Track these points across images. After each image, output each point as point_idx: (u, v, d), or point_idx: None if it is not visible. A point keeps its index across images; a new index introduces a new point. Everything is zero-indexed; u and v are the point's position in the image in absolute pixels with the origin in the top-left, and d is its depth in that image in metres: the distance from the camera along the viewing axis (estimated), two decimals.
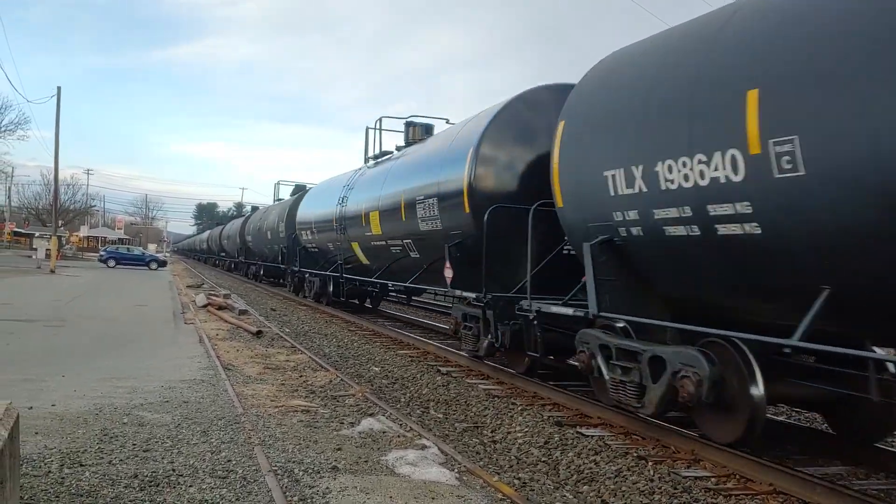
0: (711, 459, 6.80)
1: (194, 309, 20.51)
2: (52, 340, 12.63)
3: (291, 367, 11.41)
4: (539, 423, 8.35)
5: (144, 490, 5.17)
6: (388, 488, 5.53)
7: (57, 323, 15.19)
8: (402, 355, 13.46)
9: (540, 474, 6.65)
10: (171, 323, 16.74)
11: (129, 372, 9.84)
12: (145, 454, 6.03)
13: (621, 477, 6.47)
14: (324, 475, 5.77)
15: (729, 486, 6.23)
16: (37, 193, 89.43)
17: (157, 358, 11.28)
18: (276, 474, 5.66)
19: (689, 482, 6.27)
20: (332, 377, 10.53)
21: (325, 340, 15.65)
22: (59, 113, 38.34)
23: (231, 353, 12.29)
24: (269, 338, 15.01)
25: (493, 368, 11.31)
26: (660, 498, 5.95)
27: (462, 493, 5.58)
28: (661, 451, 7.22)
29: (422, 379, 11.11)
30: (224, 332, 15.52)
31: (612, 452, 7.16)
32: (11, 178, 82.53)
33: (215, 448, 6.33)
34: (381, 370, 11.98)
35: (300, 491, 5.35)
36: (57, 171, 41.20)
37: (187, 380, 9.49)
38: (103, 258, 54.39)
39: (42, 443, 6.15)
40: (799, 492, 5.87)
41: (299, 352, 13.18)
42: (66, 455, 5.84)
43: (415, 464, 6.23)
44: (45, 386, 8.58)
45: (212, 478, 5.52)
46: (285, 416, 7.84)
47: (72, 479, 5.30)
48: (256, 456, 6.12)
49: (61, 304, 19.68)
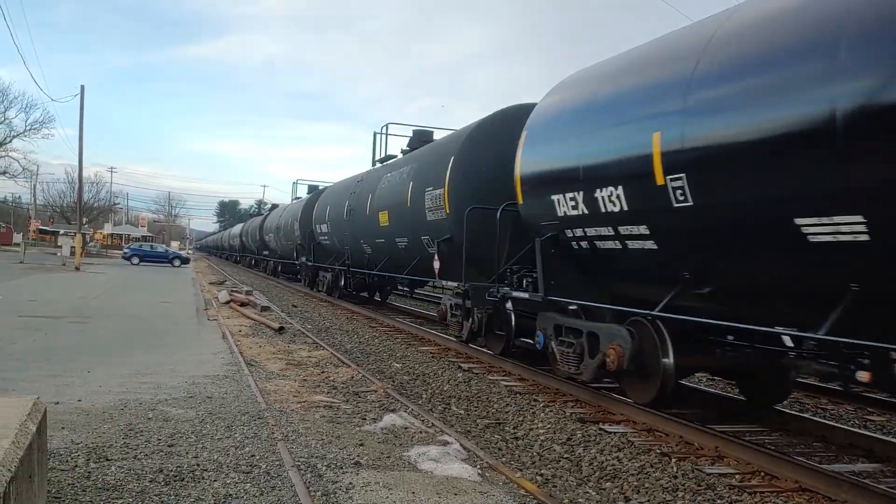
0: (735, 456, 6.74)
1: (217, 305, 20.69)
2: (77, 337, 12.78)
3: (313, 363, 11.47)
4: (561, 419, 8.32)
5: (169, 485, 5.21)
6: (411, 484, 5.54)
7: (82, 319, 15.38)
8: (423, 352, 13.48)
9: (562, 471, 6.63)
10: (194, 319, 16.88)
11: (153, 368, 9.94)
12: (170, 449, 6.09)
13: (644, 474, 6.43)
14: (347, 470, 5.79)
15: (753, 484, 6.17)
16: (61, 191, 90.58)
17: (181, 354, 11.38)
18: (300, 469, 5.69)
19: (712, 479, 6.22)
20: (354, 373, 10.57)
21: (347, 337, 15.72)
22: (82, 111, 38.84)
23: (254, 349, 12.38)
24: (291, 334, 15.11)
25: (514, 365, 11.31)
26: (683, 495, 5.91)
27: (485, 489, 5.58)
28: (685, 448, 7.17)
29: (443, 375, 11.12)
30: (246, 328, 15.64)
31: (634, 449, 7.12)
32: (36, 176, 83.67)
33: (239, 443, 6.38)
34: (403, 366, 12.01)
35: (323, 486, 5.38)
36: (81, 169, 41.75)
37: (211, 375, 9.57)
38: (127, 255, 55.06)
39: (69, 437, 6.23)
40: (825, 489, 5.80)
41: (321, 348, 13.24)
42: (93, 450, 5.91)
43: (437, 459, 6.24)
44: (71, 381, 8.69)
45: (236, 472, 5.56)
46: (308, 412, 7.88)
47: (98, 473, 5.37)
48: (280, 451, 6.16)
49: (86, 301, 19.92)
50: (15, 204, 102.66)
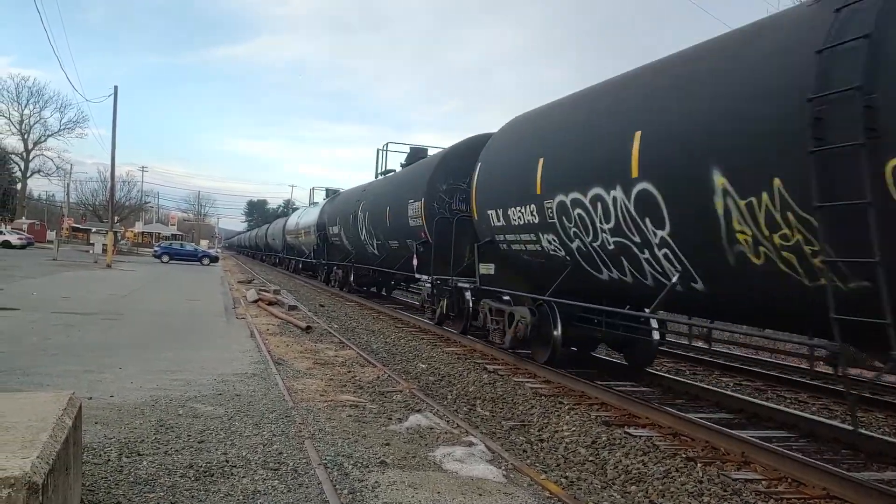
0: (762, 462, 6.71)
1: (245, 304, 20.90)
2: (109, 333, 13.00)
3: (340, 362, 11.57)
4: (586, 422, 8.33)
5: (199, 480, 5.31)
6: (436, 484, 5.59)
7: (114, 316, 15.63)
8: (448, 352, 13.53)
9: (587, 473, 6.64)
10: (222, 317, 17.08)
11: (183, 365, 10.10)
12: (200, 445, 6.20)
13: (669, 478, 6.42)
14: (372, 469, 5.85)
15: (780, 490, 6.14)
16: (94, 190, 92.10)
17: (210, 351, 11.54)
18: (326, 467, 5.76)
19: (738, 485, 6.20)
20: (380, 373, 10.64)
21: (373, 337, 15.81)
22: (115, 111, 39.31)
23: (281, 348, 12.51)
24: (317, 333, 15.23)
25: (538, 367, 11.32)
26: (709, 500, 5.89)
27: (509, 490, 5.61)
28: (711, 453, 7.15)
29: (468, 376, 11.16)
30: (274, 326, 15.80)
31: (660, 453, 7.11)
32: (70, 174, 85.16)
33: (267, 440, 6.47)
34: (428, 367, 12.06)
35: (349, 484, 5.44)
36: (113, 168, 42.31)
37: (239, 373, 9.69)
38: (157, 253, 55.69)
39: (102, 432, 6.36)
40: (853, 497, 5.76)
41: (347, 347, 13.35)
42: (125, 444, 6.04)
43: (462, 460, 6.28)
44: (103, 377, 8.86)
45: (264, 469, 5.65)
46: (334, 411, 7.96)
47: (130, 467, 5.48)
48: (307, 449, 6.24)
49: (118, 298, 20.24)
50: (49, 202, 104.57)
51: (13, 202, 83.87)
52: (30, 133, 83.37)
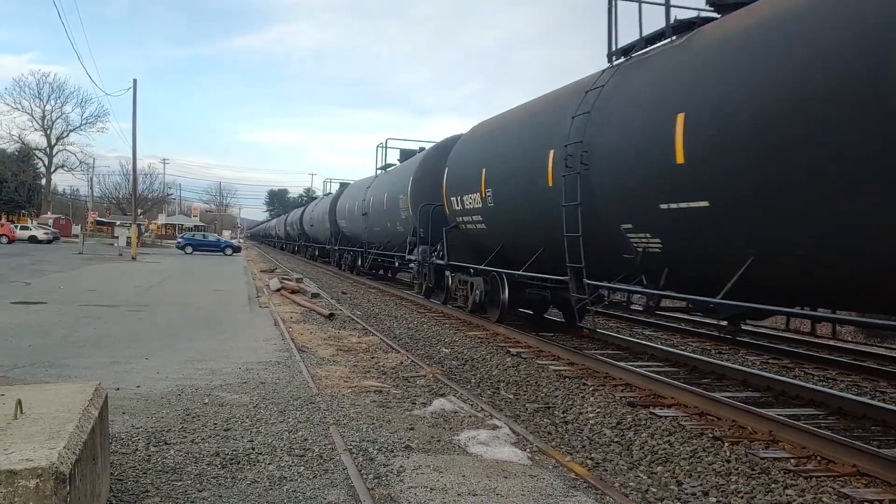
0: (790, 440, 6.63)
1: (268, 293, 21.03)
2: (134, 324, 13.14)
3: (363, 348, 11.60)
4: (611, 403, 8.29)
5: (226, 468, 5.35)
6: (461, 467, 5.59)
7: (139, 308, 15.79)
8: (471, 336, 13.53)
9: (613, 455, 6.61)
10: (246, 307, 17.20)
11: (208, 354, 10.18)
12: (226, 433, 6.24)
13: (697, 458, 6.38)
14: (398, 454, 5.86)
15: (809, 468, 6.07)
16: (117, 183, 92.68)
17: (234, 340, 11.62)
18: (352, 453, 5.78)
19: (766, 463, 6.14)
20: (403, 358, 10.66)
21: (395, 322, 15.85)
22: (135, 105, 39.58)
23: (304, 336, 12.57)
24: (340, 320, 15.29)
25: (563, 349, 11.27)
26: (737, 479, 5.84)
27: (535, 472, 5.60)
28: (738, 432, 7.08)
29: (491, 360, 11.15)
30: (297, 314, 15.88)
31: (686, 433, 7.06)
32: (93, 168, 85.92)
33: (292, 427, 6.50)
34: (451, 351, 12.06)
35: (375, 469, 5.46)
36: (135, 161, 42.63)
37: (263, 361, 9.75)
38: (180, 245, 56.21)
39: (129, 422, 6.43)
40: (883, 473, 5.68)
41: (370, 334, 13.38)
42: (152, 434, 6.09)
43: (487, 443, 6.27)
44: (129, 368, 8.95)
45: (290, 456, 5.68)
46: (358, 397, 7.98)
47: (157, 456, 5.53)
48: (332, 435, 6.26)
49: (143, 290, 20.45)
50: (73, 196, 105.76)
51: (38, 197, 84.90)
52: (52, 129, 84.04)
